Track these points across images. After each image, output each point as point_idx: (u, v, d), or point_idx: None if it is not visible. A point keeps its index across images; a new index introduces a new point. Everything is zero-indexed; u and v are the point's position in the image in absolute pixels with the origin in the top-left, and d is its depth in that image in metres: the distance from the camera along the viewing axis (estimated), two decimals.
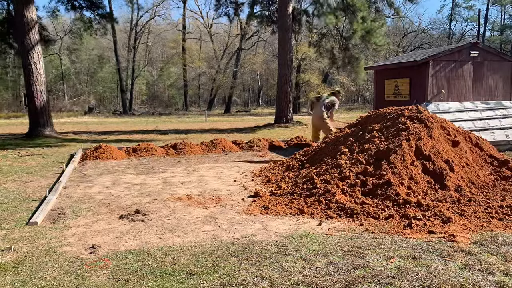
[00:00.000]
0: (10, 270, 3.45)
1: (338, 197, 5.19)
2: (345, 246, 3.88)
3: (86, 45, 42.84)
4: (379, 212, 4.76)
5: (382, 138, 6.29)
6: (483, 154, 6.22)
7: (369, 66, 18.56)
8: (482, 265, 3.40)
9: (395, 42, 44.35)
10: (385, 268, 3.36)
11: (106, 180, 7.30)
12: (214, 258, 3.65)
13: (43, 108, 14.92)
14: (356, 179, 5.58)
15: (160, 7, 43.66)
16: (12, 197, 6.09)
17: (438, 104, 9.88)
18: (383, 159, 5.75)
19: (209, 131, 17.63)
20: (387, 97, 13.09)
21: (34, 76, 14.55)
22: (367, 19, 19.16)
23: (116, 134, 16.54)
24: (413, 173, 5.49)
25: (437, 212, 4.63)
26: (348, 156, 6.25)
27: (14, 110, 35.87)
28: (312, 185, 5.72)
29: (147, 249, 3.90)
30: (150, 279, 3.25)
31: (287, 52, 19.55)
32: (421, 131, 6.04)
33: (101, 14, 19.67)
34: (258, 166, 8.45)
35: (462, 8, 51.94)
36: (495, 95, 12.32)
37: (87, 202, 5.72)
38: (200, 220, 4.80)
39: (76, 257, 3.73)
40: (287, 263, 3.49)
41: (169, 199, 5.86)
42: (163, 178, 7.39)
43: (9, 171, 8.22)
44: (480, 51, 12.03)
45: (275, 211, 5.06)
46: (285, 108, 19.87)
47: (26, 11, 14.34)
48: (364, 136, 6.65)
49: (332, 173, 5.89)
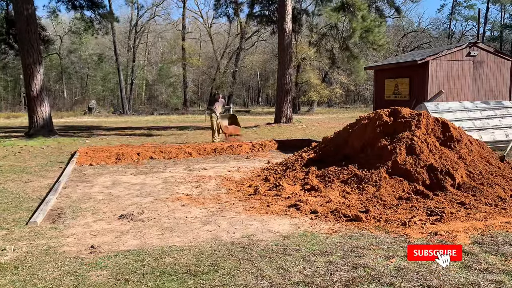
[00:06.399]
0: (10, 270, 3.45)
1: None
2: (345, 245, 3.88)
3: (86, 45, 42.86)
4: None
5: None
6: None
7: (369, 66, 18.59)
8: (482, 265, 3.41)
9: (395, 42, 44.33)
10: (385, 268, 3.36)
11: (106, 180, 7.30)
12: (214, 257, 3.65)
13: (43, 107, 14.91)
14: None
15: (160, 7, 43.65)
16: (12, 197, 6.08)
17: (437, 104, 9.88)
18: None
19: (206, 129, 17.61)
20: (387, 96, 13.10)
21: (34, 76, 14.54)
22: (367, 18, 19.17)
23: (116, 133, 16.52)
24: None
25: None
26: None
27: (14, 110, 35.86)
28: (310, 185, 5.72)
29: (147, 249, 3.90)
30: (150, 278, 3.25)
31: (287, 52, 19.55)
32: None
33: (102, 14, 19.67)
34: (258, 165, 8.46)
35: (463, 7, 51.95)
36: (494, 94, 12.33)
37: (87, 202, 5.72)
38: (200, 220, 4.80)
39: (76, 257, 3.73)
40: (287, 263, 3.49)
41: (169, 199, 5.86)
42: (163, 178, 7.38)
43: (9, 171, 8.22)
44: (480, 50, 12.04)
45: (275, 210, 5.06)
46: (284, 108, 19.88)
47: (26, 11, 14.32)
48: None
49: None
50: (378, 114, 7.00)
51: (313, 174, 6.42)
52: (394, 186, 5.54)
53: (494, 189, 5.40)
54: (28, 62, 14.48)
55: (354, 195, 5.47)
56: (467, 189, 5.42)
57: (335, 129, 11.45)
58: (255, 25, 33.06)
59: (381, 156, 6.15)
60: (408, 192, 5.44)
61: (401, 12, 32.35)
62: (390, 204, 5.12)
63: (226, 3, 27.46)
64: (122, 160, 9.28)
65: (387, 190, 5.46)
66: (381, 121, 6.80)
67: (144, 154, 9.73)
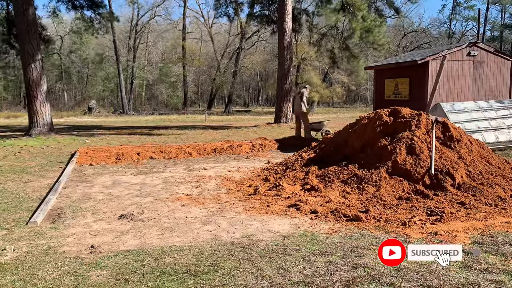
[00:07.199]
0: (10, 270, 3.45)
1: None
2: (345, 245, 3.88)
3: (86, 45, 42.87)
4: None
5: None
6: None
7: (369, 66, 18.57)
8: (482, 264, 3.40)
9: (395, 42, 44.32)
10: (385, 268, 3.36)
11: (106, 180, 7.30)
12: (214, 257, 3.65)
13: (43, 107, 14.90)
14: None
15: (160, 6, 43.66)
16: (12, 197, 6.08)
17: (453, 104, 9.87)
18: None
19: (208, 130, 17.63)
20: (387, 96, 13.09)
21: (34, 76, 14.54)
22: (367, 18, 19.18)
23: (116, 133, 16.52)
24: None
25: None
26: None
27: (14, 110, 35.87)
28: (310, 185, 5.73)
29: (147, 248, 3.90)
30: (150, 278, 3.25)
31: (287, 52, 19.55)
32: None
33: (102, 13, 19.66)
34: (258, 165, 8.46)
35: (463, 8, 51.95)
36: (494, 94, 12.32)
37: (87, 202, 5.72)
38: (200, 220, 4.80)
39: (76, 256, 3.73)
40: (287, 263, 3.49)
41: (169, 198, 5.86)
42: (163, 178, 7.38)
43: (9, 171, 8.22)
44: (480, 50, 12.04)
45: (275, 210, 5.06)
46: (284, 108, 19.88)
47: (26, 11, 14.32)
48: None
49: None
50: (378, 114, 7.00)
51: (313, 174, 6.42)
52: (394, 186, 5.54)
53: (494, 189, 5.39)
54: (29, 62, 14.48)
55: (354, 195, 5.47)
56: (467, 189, 5.41)
57: (335, 129, 11.46)
58: (255, 25, 33.09)
59: (381, 156, 6.15)
60: (408, 192, 5.44)
61: (400, 12, 32.34)
62: (390, 204, 5.12)
63: (226, 3, 27.50)
64: (122, 160, 9.27)
65: (387, 190, 5.46)
66: (381, 121, 6.80)
67: (144, 154, 9.72)
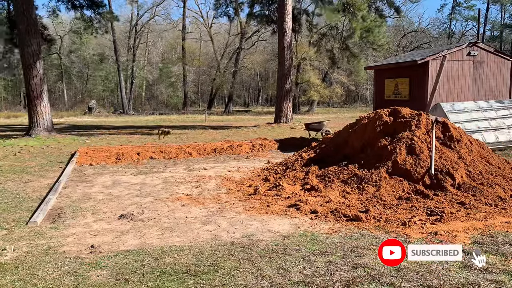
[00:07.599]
0: (10, 270, 3.45)
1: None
2: (345, 245, 3.88)
3: (86, 45, 42.85)
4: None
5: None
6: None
7: (369, 66, 18.57)
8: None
9: (395, 42, 44.32)
10: (385, 268, 3.36)
11: (106, 180, 7.30)
12: (214, 257, 3.65)
13: (43, 107, 14.90)
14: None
15: (160, 6, 43.63)
16: (12, 197, 6.08)
17: (453, 104, 9.87)
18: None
19: (210, 132, 17.63)
20: (387, 96, 13.08)
21: (34, 76, 14.54)
22: (367, 18, 19.18)
23: (116, 133, 16.52)
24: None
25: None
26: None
27: (14, 110, 35.86)
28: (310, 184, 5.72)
29: (147, 248, 3.89)
30: (150, 278, 3.25)
31: (287, 52, 19.55)
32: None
33: (102, 13, 19.65)
34: (258, 165, 8.45)
35: (462, 8, 51.92)
36: (494, 94, 12.32)
37: (87, 202, 5.72)
38: (200, 220, 4.80)
39: (76, 256, 3.73)
40: (287, 263, 3.49)
41: (169, 198, 5.86)
42: (163, 178, 7.38)
43: (9, 171, 8.22)
44: (480, 50, 12.03)
45: (275, 210, 5.06)
46: (284, 108, 19.88)
47: (26, 11, 14.32)
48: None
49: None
50: (378, 114, 7.00)
51: (313, 174, 6.42)
52: (394, 186, 5.54)
53: (494, 189, 5.39)
54: (29, 62, 14.48)
55: (354, 195, 5.47)
56: (467, 189, 5.42)
57: (335, 129, 11.46)
58: (255, 25, 33.10)
59: (381, 156, 6.15)
60: (408, 192, 5.44)
61: (400, 12, 32.36)
62: (390, 204, 5.12)
63: (226, 3, 27.51)
64: (122, 160, 9.27)
65: (387, 190, 5.46)
66: (381, 121, 6.80)
67: (144, 154, 9.72)
